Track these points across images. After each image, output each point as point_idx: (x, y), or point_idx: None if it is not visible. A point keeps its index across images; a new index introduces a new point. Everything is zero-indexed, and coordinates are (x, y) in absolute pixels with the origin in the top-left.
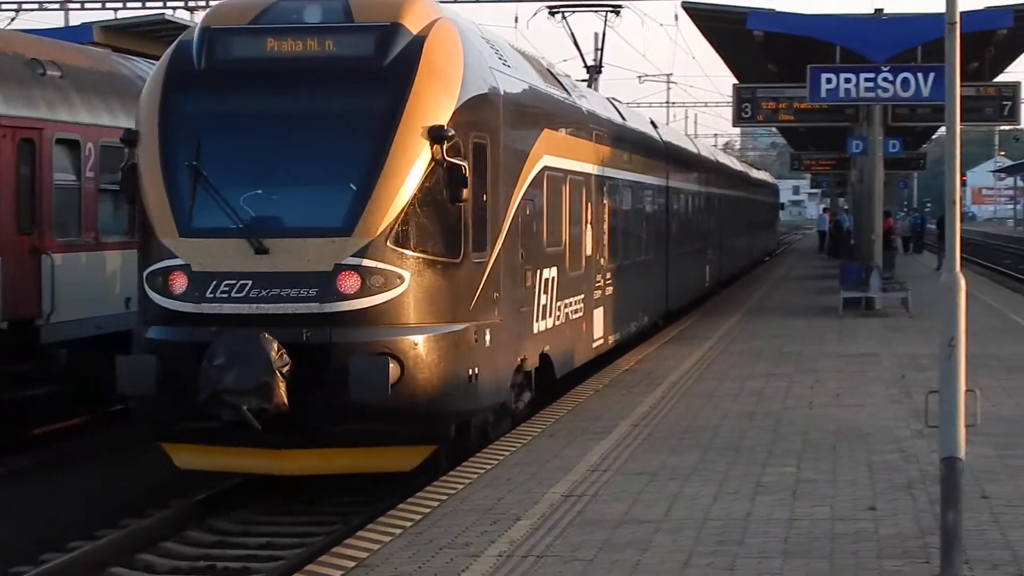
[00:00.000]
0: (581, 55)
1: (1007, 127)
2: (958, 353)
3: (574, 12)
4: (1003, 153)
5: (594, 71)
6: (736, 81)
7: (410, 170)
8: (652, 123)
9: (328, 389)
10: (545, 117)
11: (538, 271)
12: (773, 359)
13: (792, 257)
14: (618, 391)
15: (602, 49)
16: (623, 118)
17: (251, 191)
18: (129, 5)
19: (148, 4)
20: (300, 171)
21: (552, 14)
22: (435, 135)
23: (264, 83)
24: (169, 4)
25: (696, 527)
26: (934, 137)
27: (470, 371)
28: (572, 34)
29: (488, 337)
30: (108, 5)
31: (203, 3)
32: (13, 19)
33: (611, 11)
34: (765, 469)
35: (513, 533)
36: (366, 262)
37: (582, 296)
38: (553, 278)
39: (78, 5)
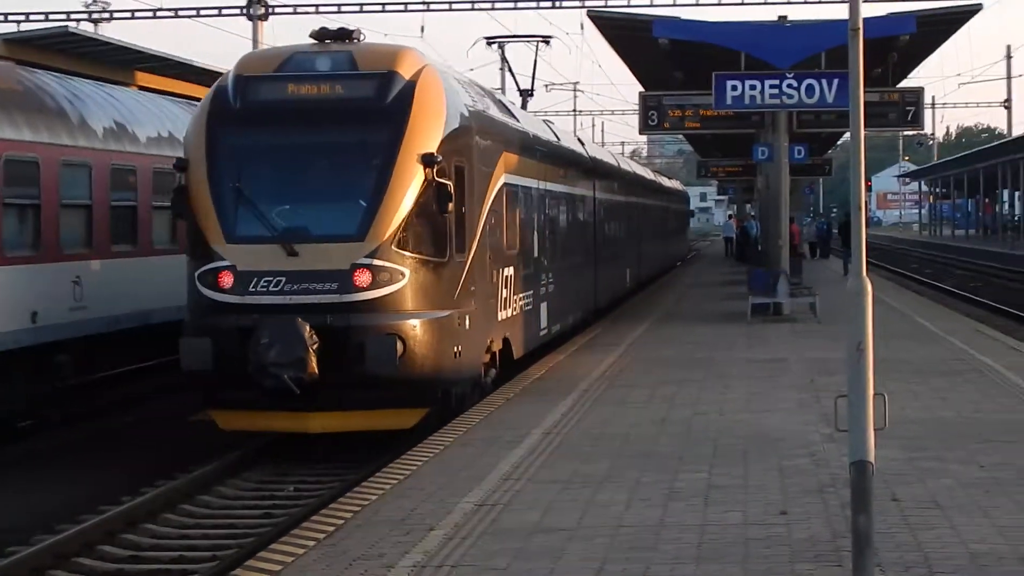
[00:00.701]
0: (516, 82)
1: (911, 132)
2: (866, 357)
3: (509, 42)
4: (908, 158)
5: (527, 94)
6: (642, 89)
7: (408, 188)
8: (580, 141)
9: (348, 362)
10: (504, 142)
11: (501, 269)
12: (684, 365)
13: (701, 263)
14: (529, 399)
15: (534, 75)
16: (558, 138)
17: (283, 206)
18: (32, 18)
19: (52, 17)
20: (321, 189)
21: (489, 44)
22: (427, 160)
23: (289, 120)
24: (73, 16)
25: (609, 534)
26: (839, 143)
27: (455, 348)
28: (507, 63)
29: (468, 322)
30: (11, 18)
31: (106, 16)
32: None
33: (542, 41)
34: (677, 475)
35: (427, 543)
36: (376, 261)
37: (532, 292)
38: (511, 276)
39: None
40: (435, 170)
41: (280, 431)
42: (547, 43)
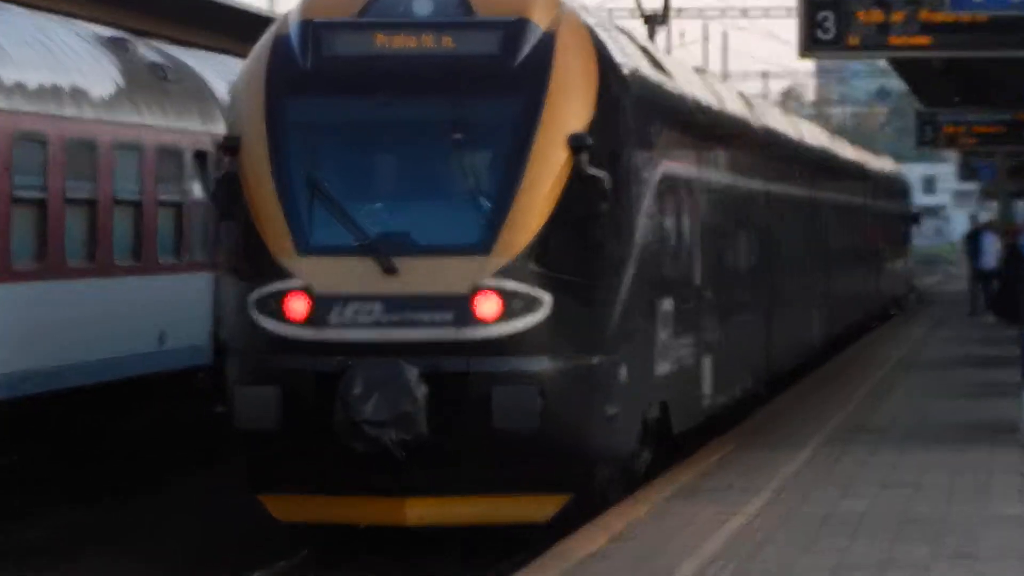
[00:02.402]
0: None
1: None
2: None
3: None
4: None
5: (656, 21)
6: None
7: (550, 182)
8: (743, 98)
9: (468, 421)
10: (664, 115)
11: (659, 301)
12: (887, 534)
13: (925, 318)
14: None
15: None
16: (720, 99)
17: (376, 204)
18: None
19: None
20: (429, 183)
21: None
22: (576, 143)
23: (382, 85)
24: None
25: None
26: None
27: (609, 409)
28: None
29: (623, 372)
30: None
31: None
32: None
33: None
34: None
35: None
36: (507, 283)
37: (694, 339)
38: (670, 312)
39: None
40: (586, 157)
41: (361, 523)
42: None
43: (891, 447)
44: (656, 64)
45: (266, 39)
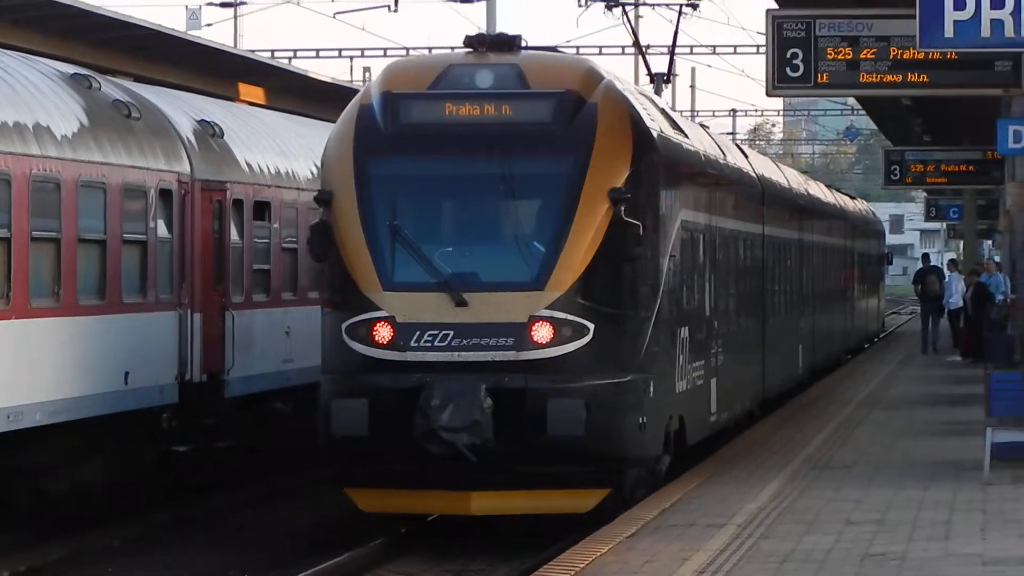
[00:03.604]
0: (646, 63)
1: None
2: None
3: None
4: None
5: (662, 79)
6: (776, 5)
7: (594, 229)
8: (741, 150)
9: (526, 428)
10: (683, 170)
11: (679, 330)
12: (850, 569)
13: (892, 355)
14: None
15: (673, 52)
16: (723, 153)
17: (448, 248)
18: None
19: None
20: (492, 229)
21: (610, 7)
22: (615, 196)
23: (453, 147)
24: None
25: None
26: None
27: (640, 419)
28: (635, 32)
29: (652, 389)
30: None
31: None
32: None
33: (688, 5)
34: None
35: None
36: (558, 314)
37: (704, 362)
38: (687, 339)
39: None
40: (623, 208)
41: (434, 513)
42: (695, 7)
43: (854, 481)
44: (675, 125)
45: (352, 107)
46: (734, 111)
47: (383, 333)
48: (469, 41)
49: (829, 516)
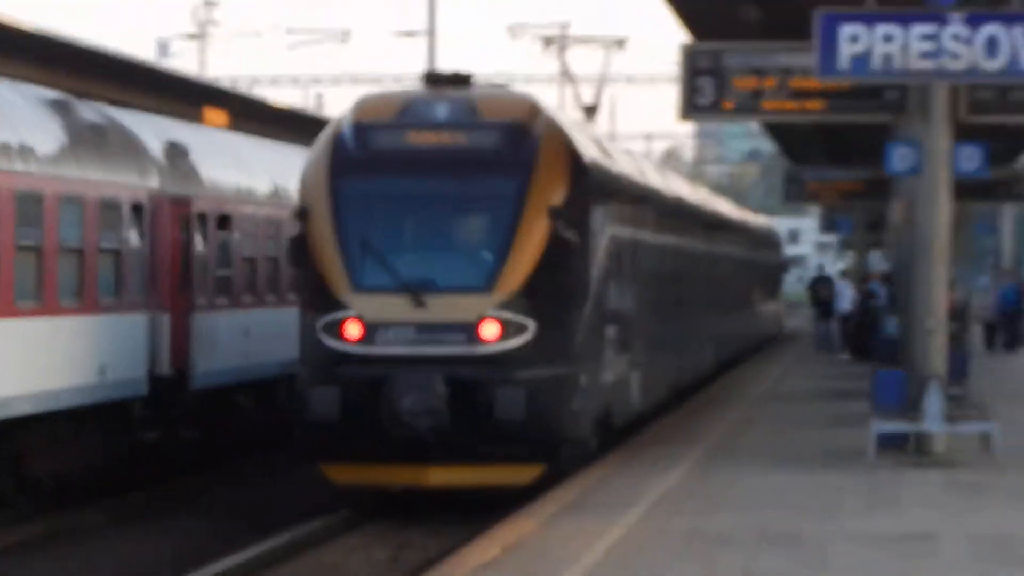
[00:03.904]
0: (577, 93)
1: None
2: None
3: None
4: None
5: (592, 112)
6: (688, 39)
7: (536, 241)
8: (659, 172)
9: (476, 414)
10: (610, 190)
11: (606, 329)
12: (747, 549)
13: (790, 355)
14: None
15: (601, 86)
16: (644, 175)
17: (410, 256)
18: None
19: None
20: (448, 240)
21: (548, 45)
22: (554, 213)
23: (414, 170)
24: None
25: None
26: None
27: (573, 406)
28: (566, 69)
29: (583, 380)
30: None
31: None
32: None
33: (615, 43)
34: None
35: None
36: (504, 314)
37: (628, 358)
38: (613, 338)
39: None
40: (562, 223)
41: (397, 485)
42: (620, 46)
43: (755, 465)
44: (604, 151)
45: (328, 134)
46: (649, 135)
47: (353, 330)
48: (429, 77)
49: (732, 497)
